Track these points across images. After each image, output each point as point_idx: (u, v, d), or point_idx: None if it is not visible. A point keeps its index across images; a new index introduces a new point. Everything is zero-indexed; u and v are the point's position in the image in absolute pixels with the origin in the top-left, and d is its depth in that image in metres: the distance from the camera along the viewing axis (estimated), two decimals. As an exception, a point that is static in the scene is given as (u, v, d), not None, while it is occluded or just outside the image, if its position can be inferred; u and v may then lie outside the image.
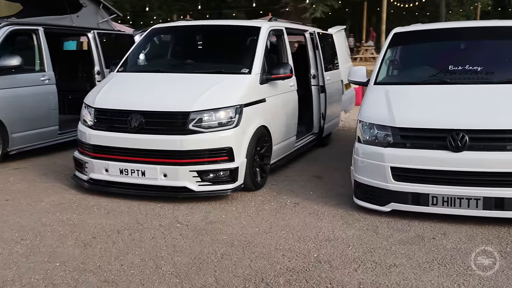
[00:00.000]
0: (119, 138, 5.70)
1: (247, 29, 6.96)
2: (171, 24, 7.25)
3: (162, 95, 5.87)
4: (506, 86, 5.22)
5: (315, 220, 5.07)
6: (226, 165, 5.61)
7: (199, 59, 6.91)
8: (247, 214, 5.29)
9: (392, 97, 5.37)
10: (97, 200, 5.73)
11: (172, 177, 5.55)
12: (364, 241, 4.50)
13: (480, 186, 4.69)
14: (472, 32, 6.12)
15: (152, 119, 5.63)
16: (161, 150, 5.55)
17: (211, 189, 5.61)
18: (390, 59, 6.10)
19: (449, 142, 4.74)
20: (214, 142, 5.57)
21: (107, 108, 5.90)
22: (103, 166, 5.81)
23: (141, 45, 7.15)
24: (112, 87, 6.27)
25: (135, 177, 5.65)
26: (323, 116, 8.50)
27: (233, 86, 5.98)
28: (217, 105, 5.64)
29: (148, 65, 7.08)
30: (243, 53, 6.66)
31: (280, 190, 6.16)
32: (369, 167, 5.17)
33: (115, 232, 4.78)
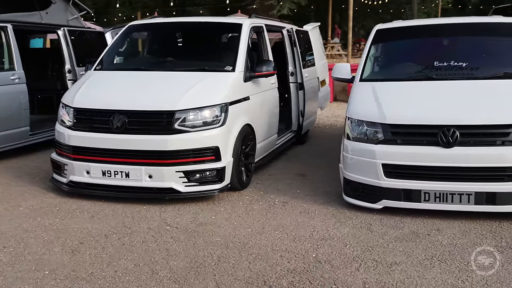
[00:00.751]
0: (101, 138, 5.50)
1: (228, 26, 6.84)
2: (149, 20, 7.05)
3: (145, 93, 5.69)
4: (493, 81, 5.27)
5: (307, 219, 5.00)
6: (213, 165, 5.48)
7: (180, 57, 6.74)
8: (237, 215, 5.18)
9: (380, 93, 5.35)
10: (78, 203, 5.52)
11: (157, 178, 5.39)
12: (360, 239, 4.45)
13: (472, 182, 4.71)
14: (454, 28, 6.16)
15: (135, 118, 5.45)
16: (146, 151, 5.38)
17: (198, 189, 5.47)
18: (374, 56, 6.07)
19: (440, 138, 4.74)
20: (200, 142, 5.43)
21: (88, 107, 5.68)
22: (84, 168, 5.59)
23: (118, 43, 6.93)
24: (91, 86, 6.04)
25: (119, 178, 5.46)
26: (302, 113, 8.45)
27: (217, 84, 5.85)
28: (203, 104, 5.51)
29: (128, 63, 6.87)
30: (225, 50, 6.55)
31: (266, 189, 6.06)
32: (360, 164, 5.13)
33: (102, 236, 4.59)
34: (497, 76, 5.35)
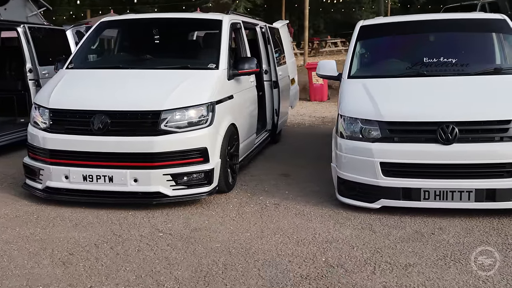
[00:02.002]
0: (82, 141, 5.15)
1: (207, 22, 6.58)
2: (122, 17, 6.70)
3: (128, 93, 5.37)
4: (485, 77, 5.27)
5: (304, 221, 4.83)
6: (201, 166, 5.22)
7: (158, 54, 6.43)
8: (231, 218, 4.95)
9: (373, 90, 5.25)
10: (58, 211, 5.15)
11: (143, 182, 5.09)
12: (365, 241, 4.32)
13: (472, 178, 4.66)
14: (438, 24, 6.15)
15: (118, 119, 5.13)
16: (131, 153, 5.07)
17: (186, 193, 5.20)
18: (360, 52, 5.98)
19: (439, 135, 4.67)
20: (188, 143, 5.16)
21: (65, 108, 5.30)
22: (62, 173, 5.22)
23: (90, 40, 6.54)
24: (67, 85, 5.65)
25: (101, 183, 5.13)
26: (277, 112, 8.30)
27: (202, 82, 5.59)
28: (190, 103, 5.24)
29: (103, 61, 6.50)
30: (206, 47, 6.29)
31: (253, 191, 5.86)
32: (356, 163, 5.00)
33: (93, 246, 4.27)
34: (487, 72, 5.35)
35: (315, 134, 9.65)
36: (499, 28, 5.83)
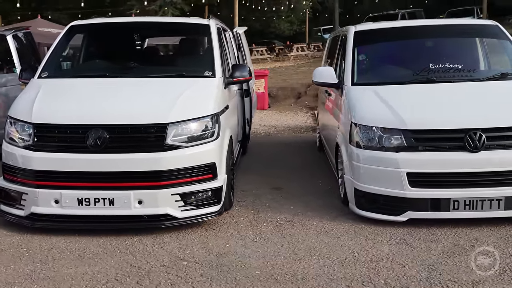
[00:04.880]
0: (76, 160, 4.50)
1: (194, 27, 6.06)
2: (95, 21, 6.02)
3: (126, 104, 4.77)
4: (497, 82, 5.25)
5: (333, 239, 4.50)
6: (211, 184, 4.75)
7: (144, 61, 5.83)
8: (251, 240, 4.52)
9: (388, 98, 5.04)
10: (48, 241, 4.46)
11: (150, 203, 4.53)
12: (410, 258, 4.06)
13: (500, 186, 4.56)
14: (435, 30, 6.08)
15: (118, 134, 4.53)
16: (135, 172, 4.50)
17: (196, 213, 4.70)
18: (360, 59, 5.76)
19: (467, 142, 4.54)
20: (197, 158, 4.68)
21: (54, 123, 4.60)
22: (52, 197, 4.54)
23: (61, 46, 5.80)
24: (51, 96, 4.94)
25: (100, 207, 4.50)
26: (249, 122, 7.94)
27: (203, 92, 5.11)
28: (196, 115, 4.75)
29: (85, 69, 5.77)
30: (197, 53, 5.82)
31: (255, 207, 5.44)
32: (378, 174, 4.75)
33: (115, 282, 3.68)
34: (496, 77, 5.32)
35: (277, 144, 9.39)
36: (493, 34, 5.86)
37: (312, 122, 11.98)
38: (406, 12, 24.09)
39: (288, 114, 13.59)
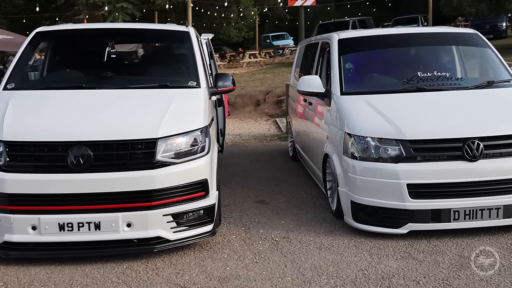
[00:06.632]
0: (56, 181, 4.09)
1: (173, 34, 5.73)
2: (62, 27, 5.58)
3: (110, 118, 4.39)
4: (486, 90, 5.21)
5: (336, 256, 4.30)
6: (203, 202, 4.44)
7: (122, 71, 5.44)
8: (251, 260, 4.25)
9: (381, 107, 4.91)
10: (27, 272, 4.05)
11: (139, 226, 4.18)
12: (421, 273, 3.92)
13: (498, 195, 4.50)
14: (418, 38, 6.00)
15: (103, 151, 4.16)
16: (123, 192, 4.14)
17: (189, 234, 4.39)
18: (347, 67, 5.61)
19: (466, 152, 4.46)
20: (189, 175, 4.36)
21: (30, 140, 4.17)
22: (29, 223, 4.11)
23: (27, 54, 5.34)
24: (22, 111, 4.49)
25: (85, 232, 4.12)
26: (222, 132, 7.66)
27: (191, 104, 4.80)
28: (186, 128, 4.44)
29: (57, 79, 5.27)
30: (177, 62, 5.49)
31: (244, 224, 5.18)
32: (377, 186, 4.60)
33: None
34: (483, 85, 5.29)
35: (248, 154, 9.14)
36: (475, 42, 5.84)
37: (275, 130, 11.82)
38: (356, 20, 24.43)
39: (249, 122, 13.38)
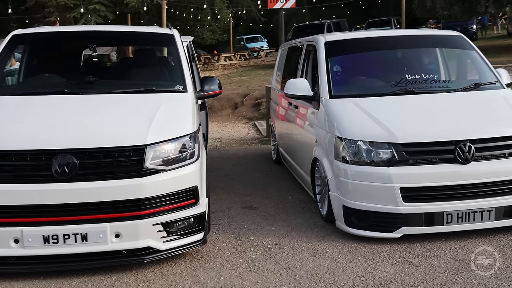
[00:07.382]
0: (39, 191, 3.90)
1: (157, 37, 5.58)
2: (45, 29, 5.35)
3: (96, 125, 4.22)
4: (475, 93, 5.22)
5: (331, 262, 4.22)
6: (193, 210, 4.31)
7: (105, 75, 5.27)
8: (244, 269, 4.14)
9: (371, 110, 4.86)
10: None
11: (128, 236, 4.02)
12: (418, 278, 3.87)
13: (491, 197, 4.49)
14: (404, 40, 5.97)
15: (89, 159, 3.99)
16: (111, 202, 3.97)
17: (180, 244, 4.25)
18: (335, 70, 5.54)
19: (458, 154, 4.44)
20: (179, 182, 4.22)
21: (10, 149, 3.96)
22: (11, 236, 3.91)
23: (4, 57, 5.11)
24: (3, 117, 4.28)
25: (71, 244, 3.94)
26: (205, 137, 7.51)
27: (179, 108, 4.66)
28: (175, 134, 4.30)
29: (36, 84, 5.04)
30: (162, 65, 5.35)
31: (233, 231, 5.07)
32: (369, 190, 4.54)
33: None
34: (470, 88, 5.29)
35: (230, 158, 9.01)
36: (459, 44, 5.85)
37: (255, 134, 11.72)
38: (331, 22, 24.59)
39: (228, 125, 13.25)
